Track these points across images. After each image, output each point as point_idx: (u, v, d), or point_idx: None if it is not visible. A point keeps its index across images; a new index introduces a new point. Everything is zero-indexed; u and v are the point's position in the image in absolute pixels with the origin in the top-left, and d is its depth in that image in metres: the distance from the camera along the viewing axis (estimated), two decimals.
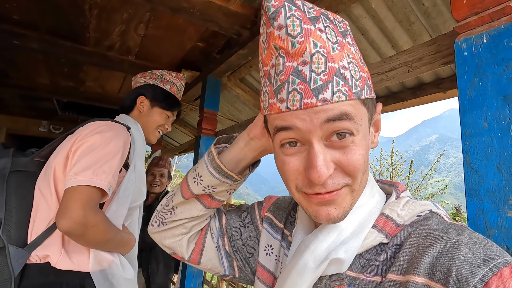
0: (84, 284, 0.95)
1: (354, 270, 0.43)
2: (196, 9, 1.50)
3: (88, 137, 0.98)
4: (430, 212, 0.43)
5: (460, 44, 0.66)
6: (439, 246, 0.37)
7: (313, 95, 0.37)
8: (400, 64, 0.92)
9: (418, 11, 1.33)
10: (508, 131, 0.56)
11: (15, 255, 0.87)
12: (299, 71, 0.38)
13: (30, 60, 2.48)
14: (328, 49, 0.38)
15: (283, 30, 0.38)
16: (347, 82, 0.38)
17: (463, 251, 0.35)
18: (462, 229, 0.38)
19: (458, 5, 0.68)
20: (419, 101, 1.64)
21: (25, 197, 0.95)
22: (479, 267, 0.33)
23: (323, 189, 0.39)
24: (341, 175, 0.40)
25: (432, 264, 0.36)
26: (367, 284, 0.41)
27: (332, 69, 0.37)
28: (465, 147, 0.61)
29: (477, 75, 0.62)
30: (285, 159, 0.42)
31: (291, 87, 0.38)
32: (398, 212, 0.44)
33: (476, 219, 0.57)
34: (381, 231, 0.43)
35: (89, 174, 0.90)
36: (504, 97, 0.57)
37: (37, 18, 1.84)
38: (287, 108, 0.39)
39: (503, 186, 0.55)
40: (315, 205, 0.41)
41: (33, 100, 3.87)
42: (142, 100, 1.28)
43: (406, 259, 0.39)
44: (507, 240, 0.53)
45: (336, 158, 0.39)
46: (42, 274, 0.90)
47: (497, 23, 0.60)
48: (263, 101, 0.44)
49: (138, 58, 2.33)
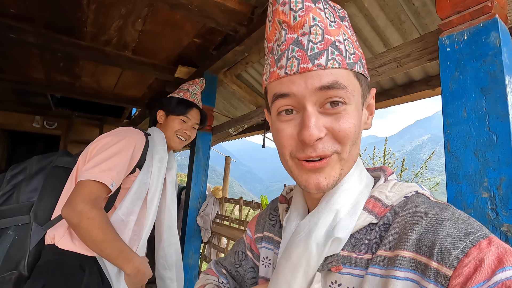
0: (85, 266, 1.02)
1: (346, 249, 0.45)
2: (194, 5, 1.53)
3: (104, 138, 1.11)
4: (416, 193, 0.46)
5: (443, 41, 0.71)
6: (424, 222, 0.39)
7: (309, 61, 0.41)
8: (389, 60, 0.97)
9: (409, 11, 1.38)
10: (484, 120, 0.61)
11: (35, 231, 1.04)
12: (299, 41, 0.43)
13: (25, 54, 2.48)
14: (326, 24, 0.43)
15: (286, 6, 0.43)
16: (341, 53, 0.43)
17: (446, 226, 0.38)
18: (446, 207, 0.41)
19: (442, 4, 0.73)
20: (409, 98, 1.70)
21: (57, 186, 1.11)
22: (460, 240, 0.36)
23: (314, 152, 0.42)
24: (331, 141, 0.43)
25: (419, 239, 0.39)
26: (359, 261, 0.44)
27: (328, 40, 0.42)
28: (446, 135, 0.66)
29: (458, 69, 0.67)
30: (281, 126, 0.45)
31: (290, 55, 0.43)
32: (387, 194, 0.46)
33: (455, 201, 0.63)
34: (371, 212, 0.46)
35: (96, 170, 1.01)
36: (481, 89, 0.62)
37: (34, 12, 1.84)
38: (285, 73, 0.43)
39: (479, 170, 0.60)
40: (306, 174, 0.44)
41: (27, 95, 3.84)
42: (161, 113, 1.43)
43: (395, 236, 0.41)
44: (482, 219, 0.58)
45: (328, 124, 0.42)
46: (50, 254, 1.03)
47: (477, 21, 0.65)
48: (265, 74, 0.48)
49: (135, 54, 2.35)
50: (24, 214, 1.05)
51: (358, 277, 0.43)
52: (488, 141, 0.60)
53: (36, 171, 1.13)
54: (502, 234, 0.56)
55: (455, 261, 0.35)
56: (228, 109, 3.13)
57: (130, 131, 1.17)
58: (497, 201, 0.57)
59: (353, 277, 0.43)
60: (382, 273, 0.40)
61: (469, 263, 0.34)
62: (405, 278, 0.38)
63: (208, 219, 2.07)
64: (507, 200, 0.56)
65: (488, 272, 0.33)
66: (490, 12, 0.64)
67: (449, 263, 0.35)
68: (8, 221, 1.03)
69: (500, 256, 0.34)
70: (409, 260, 0.38)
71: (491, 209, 0.58)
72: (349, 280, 0.43)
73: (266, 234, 0.62)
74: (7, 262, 0.99)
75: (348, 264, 0.44)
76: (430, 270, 0.36)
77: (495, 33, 0.62)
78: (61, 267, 1.00)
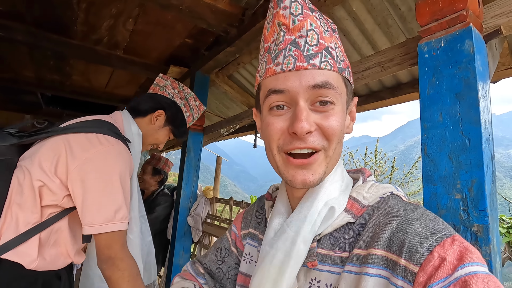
0: (60, 274, 0.96)
1: (325, 248, 0.48)
2: (185, 6, 1.54)
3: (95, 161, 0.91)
4: (391, 194, 0.48)
5: (422, 47, 0.74)
6: (396, 222, 0.42)
7: (305, 60, 0.45)
8: (374, 64, 1.00)
9: (395, 15, 1.41)
10: (458, 124, 0.63)
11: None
12: (296, 42, 0.46)
13: (14, 52, 2.44)
14: (321, 31, 0.47)
15: (287, 10, 0.47)
16: (333, 57, 0.47)
17: (415, 225, 0.40)
18: (416, 208, 0.44)
19: (421, 12, 0.75)
20: (396, 100, 1.74)
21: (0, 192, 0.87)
22: (427, 239, 0.38)
23: (303, 144, 0.44)
24: (320, 137, 0.45)
25: (390, 238, 0.41)
26: (337, 259, 0.46)
27: (322, 45, 0.47)
28: (423, 138, 0.69)
29: (435, 75, 0.69)
30: (271, 120, 0.47)
31: (287, 53, 0.46)
32: (364, 195, 0.49)
33: (430, 202, 0.65)
34: (348, 212, 0.48)
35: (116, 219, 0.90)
36: (456, 94, 0.65)
37: (23, 10, 1.82)
38: (282, 70, 0.46)
39: (452, 172, 0.63)
40: (292, 169, 0.46)
41: (16, 93, 3.78)
42: (160, 115, 1.23)
43: (369, 235, 0.44)
44: (454, 219, 0.61)
45: (318, 121, 0.45)
46: (16, 271, 0.86)
47: (453, 29, 0.68)
48: (260, 71, 0.51)
49: (127, 53, 2.34)
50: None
51: (335, 274, 0.45)
52: (461, 145, 0.62)
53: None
54: (472, 234, 0.58)
55: (421, 258, 0.37)
56: (221, 109, 3.14)
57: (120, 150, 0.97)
58: (469, 203, 0.59)
59: (331, 274, 0.45)
60: (356, 270, 0.42)
61: (433, 260, 0.36)
62: (376, 274, 0.40)
63: (198, 219, 2.08)
64: (477, 202, 0.58)
65: (450, 269, 0.35)
66: (465, 21, 0.66)
67: (416, 260, 0.37)
68: None
69: (461, 253, 0.36)
70: (381, 258, 0.41)
71: (463, 210, 0.60)
72: (328, 277, 0.45)
73: (251, 231, 0.63)
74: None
75: (327, 262, 0.47)
76: (399, 267, 0.38)
77: (469, 41, 0.64)
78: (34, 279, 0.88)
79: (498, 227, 0.61)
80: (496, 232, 0.60)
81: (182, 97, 1.33)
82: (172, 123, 1.27)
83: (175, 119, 1.27)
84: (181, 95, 1.33)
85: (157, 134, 1.25)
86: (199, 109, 1.41)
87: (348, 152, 8.49)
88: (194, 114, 1.39)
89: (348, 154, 8.44)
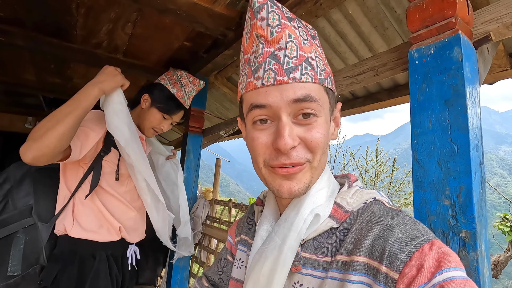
0: (95, 254, 1.17)
1: (309, 252, 0.49)
2: (182, 10, 1.55)
3: None
4: (374, 200, 0.49)
5: (412, 54, 0.74)
6: (377, 229, 0.43)
7: (285, 74, 0.45)
8: (368, 68, 1.00)
9: (391, 18, 1.41)
10: (447, 131, 0.64)
11: (42, 229, 1.16)
12: (275, 55, 0.46)
13: (16, 56, 2.47)
14: (300, 41, 0.47)
15: (264, 21, 0.46)
16: (313, 69, 0.47)
17: (395, 232, 0.41)
18: (397, 213, 0.44)
19: (412, 18, 0.76)
20: (394, 102, 1.74)
21: (48, 187, 1.22)
22: (406, 245, 0.39)
23: (288, 160, 0.45)
24: (304, 150, 0.46)
25: (372, 245, 0.42)
26: (319, 263, 0.47)
27: (302, 56, 0.46)
28: (414, 144, 0.70)
29: (425, 82, 0.70)
30: (255, 135, 0.48)
31: (267, 67, 0.46)
32: (348, 200, 0.50)
33: (420, 208, 0.66)
34: (332, 217, 0.49)
35: None
36: (445, 101, 0.65)
37: (23, 15, 1.84)
38: (262, 84, 0.46)
39: (441, 178, 0.63)
40: (279, 180, 0.47)
41: (18, 96, 3.82)
42: (146, 98, 1.40)
43: (352, 241, 0.45)
44: (443, 225, 0.62)
45: (301, 134, 0.46)
46: (64, 243, 1.16)
47: (442, 36, 0.69)
48: (241, 84, 0.51)
49: (126, 56, 2.35)
50: (26, 217, 1.14)
51: (318, 278, 0.46)
52: (450, 151, 0.63)
53: (20, 177, 1.20)
54: (460, 240, 0.59)
55: (401, 265, 0.38)
56: (220, 111, 3.15)
57: None
58: (457, 209, 0.60)
59: (313, 278, 0.46)
60: (340, 277, 0.43)
61: (412, 267, 0.37)
62: (358, 281, 0.41)
63: (198, 220, 2.09)
64: (465, 208, 0.59)
65: (428, 275, 0.36)
66: (454, 28, 0.67)
67: (396, 267, 0.38)
68: (14, 226, 1.11)
69: (439, 259, 0.37)
70: (363, 265, 0.41)
71: (451, 216, 0.61)
72: (310, 281, 0.46)
73: (242, 237, 0.64)
74: (26, 260, 1.10)
75: (309, 265, 0.47)
76: (381, 274, 0.39)
77: (458, 48, 0.65)
78: (74, 255, 1.14)
79: (487, 233, 0.62)
80: (484, 238, 0.61)
81: (171, 78, 1.44)
82: (156, 100, 1.39)
83: (158, 96, 1.39)
84: (171, 77, 1.44)
85: (148, 115, 1.39)
86: (193, 84, 1.47)
87: (349, 152, 8.46)
88: (186, 88, 1.45)
89: (349, 154, 8.42)
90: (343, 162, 8.69)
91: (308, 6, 1.31)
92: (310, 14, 1.36)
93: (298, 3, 1.31)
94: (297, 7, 1.34)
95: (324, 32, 1.62)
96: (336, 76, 1.09)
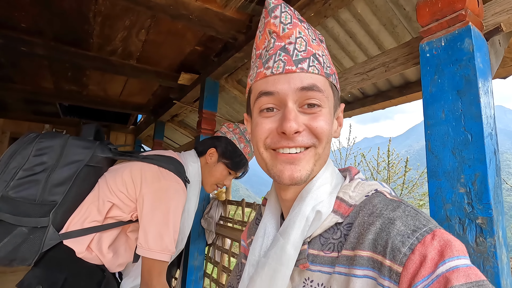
0: (104, 268, 1.11)
1: (316, 248, 0.49)
2: (194, 15, 1.60)
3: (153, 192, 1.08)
4: (376, 192, 0.49)
5: (423, 47, 0.76)
6: (379, 223, 0.43)
7: (293, 64, 0.48)
8: (379, 64, 1.02)
9: (400, 15, 1.43)
10: (460, 120, 0.65)
11: (51, 235, 1.01)
12: (286, 48, 0.49)
13: (35, 65, 2.59)
14: (309, 39, 0.51)
15: (277, 19, 0.50)
16: (320, 63, 0.50)
17: (397, 225, 0.41)
18: (398, 205, 0.44)
19: (422, 13, 0.77)
20: (405, 99, 1.74)
21: (83, 189, 1.09)
22: (408, 237, 0.39)
23: (292, 143, 0.46)
24: (309, 135, 0.48)
25: (375, 239, 0.42)
26: (326, 259, 0.47)
27: (310, 51, 0.50)
28: (427, 135, 0.71)
29: (436, 73, 0.71)
30: (260, 121, 0.50)
31: (277, 58, 0.49)
32: (350, 194, 0.50)
33: (436, 197, 0.67)
34: (336, 212, 0.49)
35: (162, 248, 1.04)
36: (458, 91, 0.67)
37: (44, 26, 1.94)
38: (272, 73, 0.49)
39: (456, 167, 0.64)
40: (280, 164, 0.48)
41: (36, 104, 3.97)
42: (212, 153, 1.33)
43: (356, 236, 0.44)
44: (459, 212, 0.63)
45: (306, 122, 0.48)
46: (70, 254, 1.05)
47: (452, 29, 0.70)
48: (251, 76, 0.54)
49: (139, 62, 2.43)
50: (44, 216, 1.00)
51: (326, 274, 0.47)
52: (464, 140, 0.64)
53: (69, 162, 1.05)
54: (477, 227, 0.60)
55: (404, 258, 0.38)
56: (231, 114, 3.19)
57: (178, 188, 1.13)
58: (473, 196, 0.61)
59: (322, 274, 0.47)
60: (345, 272, 0.44)
61: (415, 259, 0.37)
62: (363, 276, 0.41)
63: (212, 221, 2.12)
64: (481, 195, 0.60)
65: (431, 266, 0.36)
66: (464, 20, 0.68)
67: (399, 260, 0.38)
68: (26, 221, 0.97)
69: (442, 249, 0.37)
70: (367, 259, 0.42)
71: (467, 203, 0.62)
72: (319, 277, 0.47)
73: (252, 238, 0.66)
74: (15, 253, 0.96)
75: (318, 262, 0.48)
76: (385, 268, 0.39)
77: (468, 39, 0.66)
78: (82, 264, 1.05)
79: (504, 220, 0.62)
80: (501, 224, 0.61)
81: (236, 133, 1.38)
82: (224, 156, 1.32)
83: (225, 152, 1.32)
84: (235, 131, 1.39)
85: (214, 171, 1.33)
86: None
87: (360, 153, 8.37)
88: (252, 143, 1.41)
89: (360, 155, 8.33)
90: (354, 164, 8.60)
91: (318, 6, 1.34)
92: (319, 14, 1.38)
93: (308, 4, 1.34)
94: (306, 7, 1.37)
95: (333, 32, 1.65)
96: (347, 73, 1.11)
